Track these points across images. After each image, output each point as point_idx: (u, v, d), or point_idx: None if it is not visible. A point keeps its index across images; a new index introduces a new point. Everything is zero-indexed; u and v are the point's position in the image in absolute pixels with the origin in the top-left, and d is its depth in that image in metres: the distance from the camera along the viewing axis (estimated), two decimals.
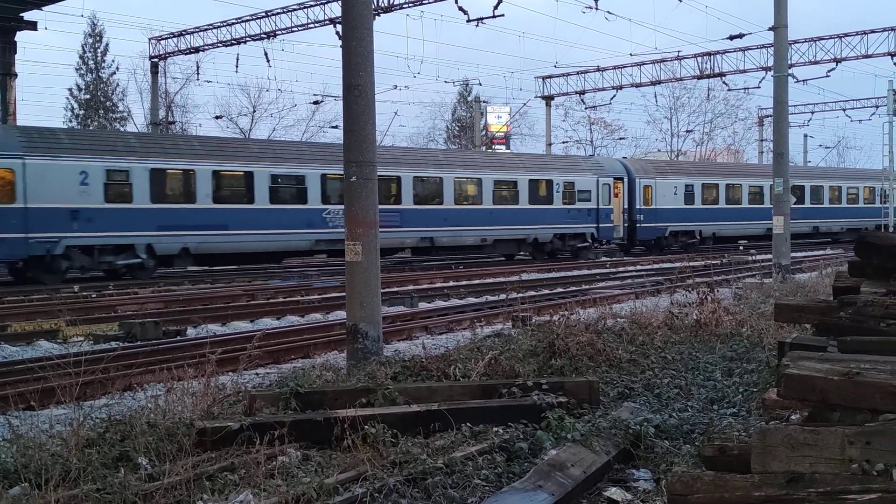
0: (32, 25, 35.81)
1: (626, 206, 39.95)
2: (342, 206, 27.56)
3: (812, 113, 65.67)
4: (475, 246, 35.52)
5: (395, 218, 31.34)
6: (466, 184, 35.10)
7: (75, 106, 64.51)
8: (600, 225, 38.46)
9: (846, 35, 41.76)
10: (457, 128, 78.19)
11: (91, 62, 64.92)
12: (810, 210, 46.70)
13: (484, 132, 61.47)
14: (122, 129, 61.19)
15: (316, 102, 55.99)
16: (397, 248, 33.65)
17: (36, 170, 24.52)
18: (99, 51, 64.98)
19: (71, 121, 63.58)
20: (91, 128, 60.18)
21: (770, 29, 25.27)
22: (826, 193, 48.93)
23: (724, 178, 44.71)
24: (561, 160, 41.68)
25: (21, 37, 36.02)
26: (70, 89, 64.32)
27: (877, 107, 58.55)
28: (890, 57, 40.38)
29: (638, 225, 40.43)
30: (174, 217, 27.00)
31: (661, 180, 41.50)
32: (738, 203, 44.02)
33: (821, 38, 42.39)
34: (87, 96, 64.73)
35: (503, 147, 62.28)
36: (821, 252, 36.23)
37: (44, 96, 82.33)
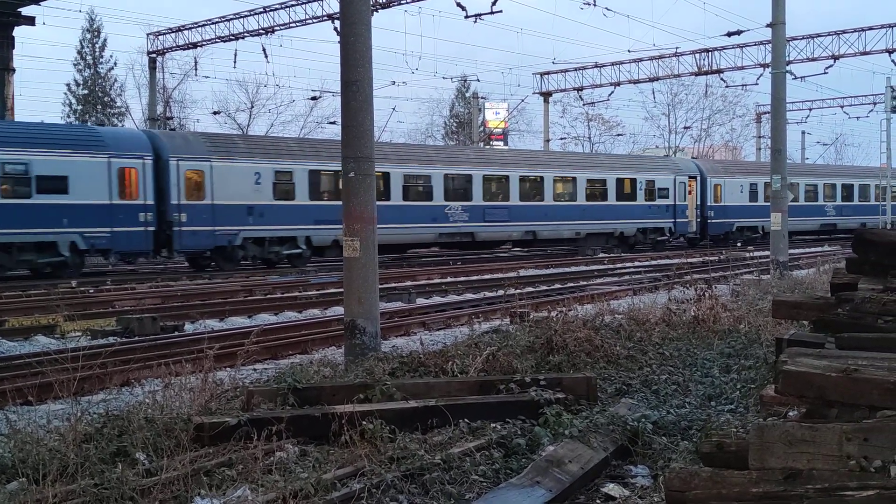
0: (30, 20, 35.75)
1: (698, 203, 42.86)
2: (461, 203, 30.29)
3: (810, 110, 65.76)
4: (569, 239, 38.45)
5: (504, 214, 35.23)
6: (563, 182, 38.22)
7: (73, 101, 64.42)
8: (677, 220, 41.01)
9: (844, 32, 41.78)
10: (455, 124, 78.21)
11: (89, 57, 64.83)
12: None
13: (482, 128, 61.50)
14: (119, 124, 61.05)
15: (314, 98, 56.08)
16: (504, 240, 37.09)
17: (220, 171, 28.43)
18: (97, 46, 64.87)
19: (69, 116, 63.51)
20: (90, 122, 60.13)
21: (768, 26, 25.26)
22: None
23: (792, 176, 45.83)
24: (643, 160, 44.41)
25: (19, 32, 36.01)
26: (68, 84, 64.31)
27: (874, 104, 58.61)
28: (888, 54, 40.41)
29: (709, 220, 43.26)
30: (327, 212, 29.16)
31: (728, 179, 44.56)
32: (795, 201, 43.99)
33: (819, 35, 42.42)
34: (85, 91, 64.61)
35: (501, 143, 62.26)
36: (819, 249, 36.26)
37: (42, 91, 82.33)
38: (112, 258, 28.80)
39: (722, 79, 47.22)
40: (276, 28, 38.83)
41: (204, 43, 41.74)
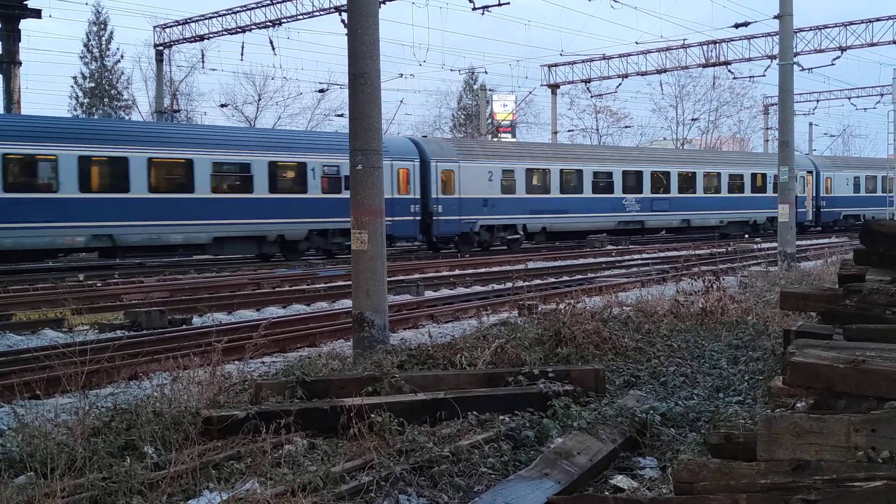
0: (36, 13, 35.76)
1: (814, 195, 48.94)
2: (636, 195, 37.34)
3: (817, 101, 65.52)
4: (714, 227, 43.07)
5: (665, 204, 41.56)
6: (711, 177, 44.22)
7: (80, 94, 64.51)
8: (797, 210, 42.22)
9: (851, 23, 41.60)
10: (462, 116, 78.09)
11: (95, 50, 64.91)
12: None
13: (490, 120, 61.40)
14: (126, 117, 61.15)
15: (321, 90, 56.00)
16: (666, 227, 43.51)
17: (465, 170, 34.41)
18: (103, 39, 64.96)
19: (76, 109, 63.60)
20: (97, 115, 60.23)
21: (775, 17, 25.16)
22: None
23: (881, 170, 52.61)
24: (769, 157, 48.49)
25: (25, 25, 35.99)
26: (74, 77, 64.38)
27: (882, 95, 58.23)
28: (895, 45, 40.21)
29: (822, 210, 49.75)
30: (538, 204, 36.57)
31: (837, 173, 51.37)
32: (890, 191, 47.55)
33: (826, 27, 42.25)
34: (92, 84, 64.69)
35: (509, 136, 62.18)
36: (826, 240, 36.16)
37: (48, 84, 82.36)
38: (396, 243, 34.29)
39: (729, 70, 46.96)
40: (283, 20, 38.80)
41: (211, 35, 41.72)
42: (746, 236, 42.08)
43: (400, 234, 32.75)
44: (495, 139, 57.12)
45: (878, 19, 40.82)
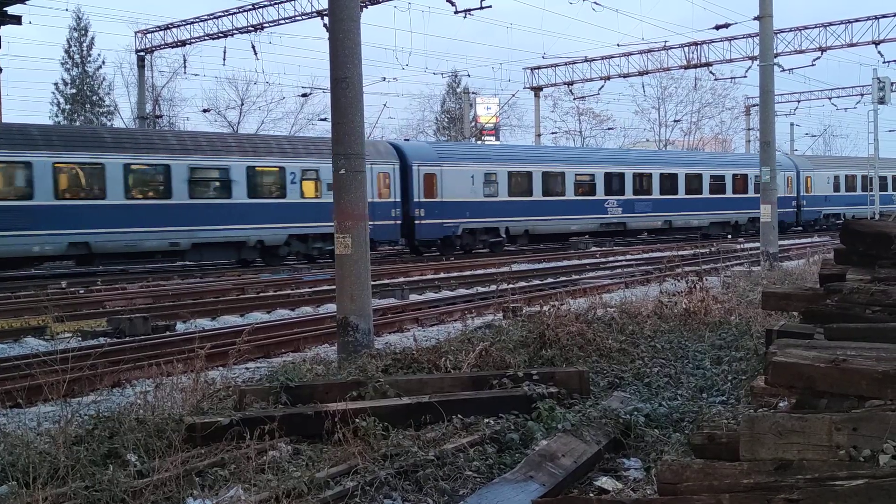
0: (17, 20, 35.49)
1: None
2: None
3: (798, 102, 65.85)
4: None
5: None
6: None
7: (61, 101, 64.15)
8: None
9: (831, 24, 41.83)
10: (446, 119, 78.14)
11: (77, 56, 64.55)
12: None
13: (473, 123, 61.43)
14: (109, 124, 60.84)
15: (304, 95, 56.04)
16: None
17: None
18: (84, 45, 64.59)
19: (57, 115, 63.25)
20: (77, 123, 59.89)
21: (755, 18, 25.30)
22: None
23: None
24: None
25: (5, 31, 35.74)
26: (56, 84, 63.99)
27: (862, 95, 58.69)
28: (874, 45, 40.50)
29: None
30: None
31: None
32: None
33: (806, 28, 42.46)
34: (73, 91, 64.33)
35: (492, 138, 62.26)
36: (808, 240, 36.37)
37: (29, 91, 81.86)
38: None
39: (711, 72, 47.17)
40: (265, 25, 38.70)
41: (193, 40, 41.57)
42: (729, 236, 42.34)
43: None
44: (479, 142, 57.19)
45: (856, 20, 41.08)
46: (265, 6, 38.23)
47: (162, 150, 28.32)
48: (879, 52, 40.81)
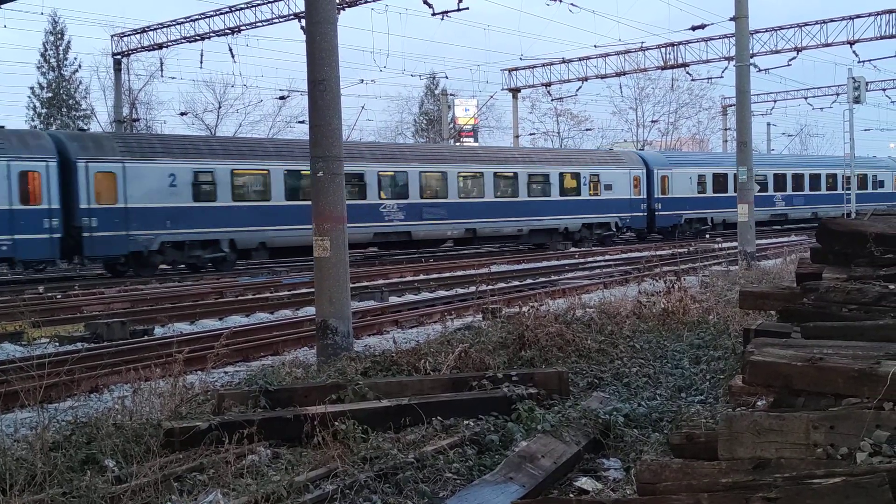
0: None
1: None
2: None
3: (774, 101, 66.18)
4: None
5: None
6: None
7: (37, 105, 63.64)
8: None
9: (806, 24, 42.05)
10: (424, 121, 78.12)
11: (53, 60, 64.02)
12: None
13: (452, 125, 61.45)
14: (86, 127, 60.41)
15: (282, 98, 55.85)
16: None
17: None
18: (60, 48, 64.05)
19: (33, 120, 62.74)
20: (54, 127, 59.45)
21: (731, 19, 25.42)
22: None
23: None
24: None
25: None
26: (32, 88, 63.48)
27: (837, 94, 58.99)
28: (849, 45, 40.75)
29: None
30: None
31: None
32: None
33: (781, 28, 42.66)
34: (50, 95, 63.84)
35: (471, 140, 62.26)
36: (786, 239, 36.62)
37: (4, 95, 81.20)
38: None
39: (688, 72, 47.33)
40: (242, 28, 38.54)
41: (169, 44, 41.33)
42: (707, 236, 42.49)
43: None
44: (457, 143, 57.22)
45: (832, 20, 41.32)
46: (242, 9, 38.08)
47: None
48: (854, 52, 41.06)
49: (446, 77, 61.98)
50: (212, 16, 39.13)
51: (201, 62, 40.62)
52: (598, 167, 41.19)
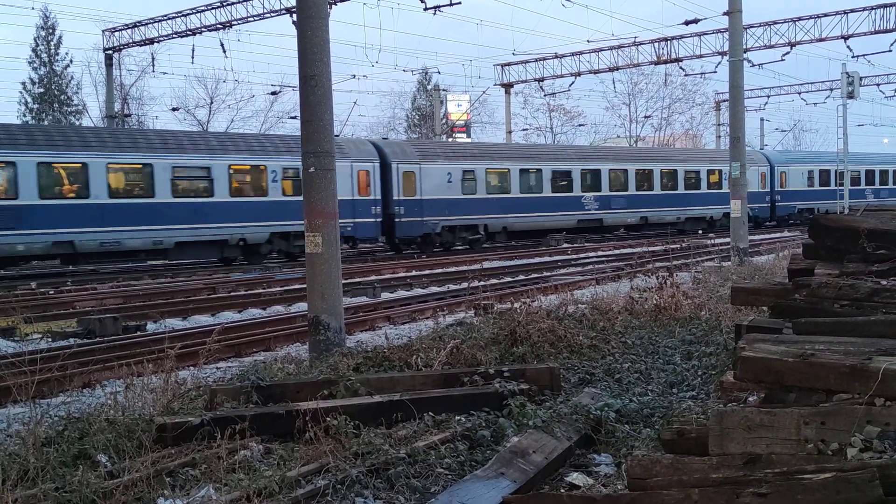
0: None
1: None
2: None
3: (768, 97, 66.24)
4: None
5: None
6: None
7: (29, 100, 63.42)
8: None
9: (800, 19, 42.09)
10: (417, 117, 78.00)
11: (44, 55, 63.76)
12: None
13: (444, 120, 61.41)
14: (77, 122, 60.23)
15: (274, 93, 55.67)
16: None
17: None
18: (52, 44, 63.80)
19: (25, 115, 62.53)
20: (45, 122, 59.27)
21: (725, 14, 25.46)
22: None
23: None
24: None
25: None
26: (23, 83, 63.23)
27: (831, 90, 59.15)
28: (843, 40, 40.82)
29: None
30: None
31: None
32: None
33: (775, 23, 42.69)
34: (41, 90, 63.61)
35: (464, 135, 62.23)
36: (778, 235, 36.70)
37: None
38: None
39: (681, 67, 47.36)
40: (233, 22, 38.41)
41: (161, 39, 41.18)
42: (700, 232, 42.54)
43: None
44: (451, 139, 57.22)
45: (825, 15, 41.35)
46: (234, 3, 37.95)
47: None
48: (848, 47, 41.13)
49: (439, 72, 61.86)
50: (203, 11, 39.01)
51: (193, 57, 40.50)
52: None
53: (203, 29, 39.24)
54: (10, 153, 25.19)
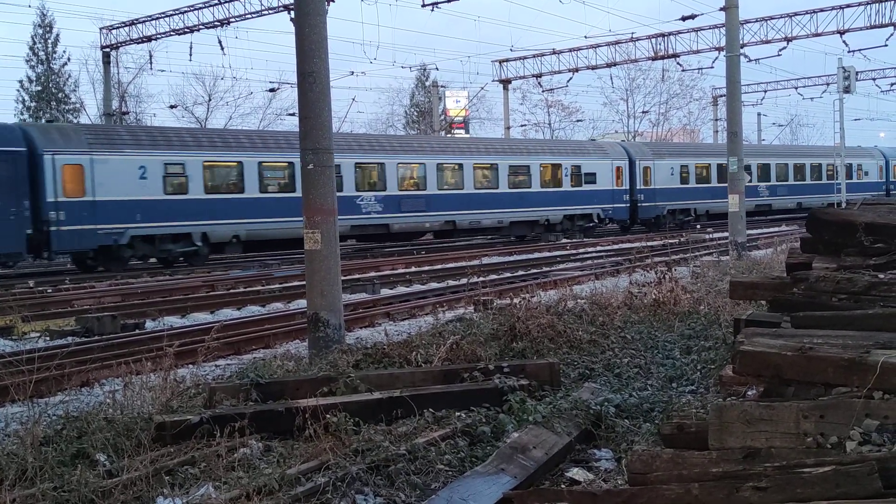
0: None
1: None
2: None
3: (765, 92, 66.16)
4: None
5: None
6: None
7: (26, 98, 63.37)
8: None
9: (796, 14, 42.04)
10: (415, 113, 77.94)
11: (42, 53, 63.71)
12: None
13: (443, 117, 61.38)
14: (75, 120, 60.17)
15: (272, 90, 55.64)
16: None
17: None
18: (49, 42, 63.76)
19: (22, 113, 62.48)
20: (43, 120, 59.20)
21: (721, 9, 25.48)
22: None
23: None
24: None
25: None
26: (21, 81, 63.18)
27: (827, 84, 59.06)
28: (839, 35, 40.78)
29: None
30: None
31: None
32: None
33: (771, 18, 42.64)
34: (39, 88, 63.56)
35: (462, 132, 62.19)
36: (776, 229, 36.72)
37: None
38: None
39: (678, 63, 47.34)
40: (231, 20, 38.33)
41: (158, 36, 41.10)
42: (698, 227, 42.50)
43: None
44: (448, 135, 57.15)
45: (821, 10, 41.30)
46: (231, 1, 37.91)
47: None
48: (844, 42, 41.08)
49: (437, 68, 61.97)
50: (201, 7, 38.93)
51: (190, 55, 40.57)
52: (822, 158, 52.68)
53: (200, 26, 39.15)
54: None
